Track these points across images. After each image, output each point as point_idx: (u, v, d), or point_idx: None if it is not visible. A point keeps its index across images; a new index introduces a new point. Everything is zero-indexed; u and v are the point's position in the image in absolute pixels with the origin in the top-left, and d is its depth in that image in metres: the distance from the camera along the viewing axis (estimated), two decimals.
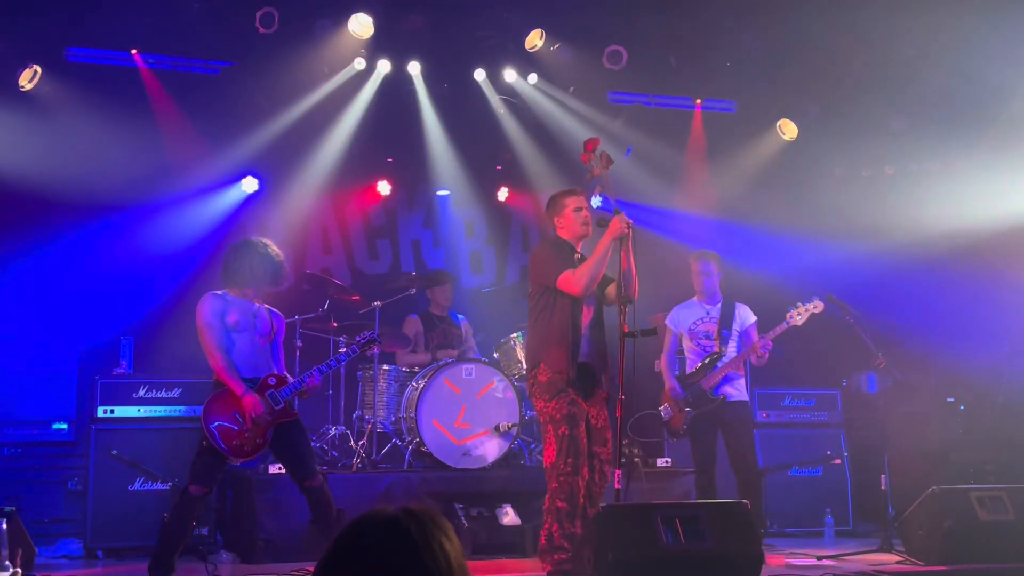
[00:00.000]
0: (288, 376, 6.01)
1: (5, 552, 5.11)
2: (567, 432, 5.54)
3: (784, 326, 6.98)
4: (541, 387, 5.67)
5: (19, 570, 5.10)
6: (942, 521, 6.43)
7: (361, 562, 1.80)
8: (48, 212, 8.15)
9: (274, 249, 6.04)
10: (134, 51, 8.11)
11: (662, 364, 7.39)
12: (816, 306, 6.97)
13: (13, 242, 8.11)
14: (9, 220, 8.10)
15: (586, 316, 5.78)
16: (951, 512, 6.44)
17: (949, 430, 8.91)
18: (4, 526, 5.18)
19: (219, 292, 5.96)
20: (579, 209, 5.83)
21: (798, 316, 6.96)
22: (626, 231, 5.50)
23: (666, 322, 7.42)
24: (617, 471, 5.35)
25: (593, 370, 5.76)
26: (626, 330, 5.37)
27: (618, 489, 5.34)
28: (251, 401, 5.69)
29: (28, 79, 7.79)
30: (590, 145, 5.72)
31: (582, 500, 5.54)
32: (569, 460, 5.50)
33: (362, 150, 9.14)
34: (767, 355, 6.97)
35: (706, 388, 7.03)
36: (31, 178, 8.09)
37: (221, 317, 5.82)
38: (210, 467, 5.73)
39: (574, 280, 5.62)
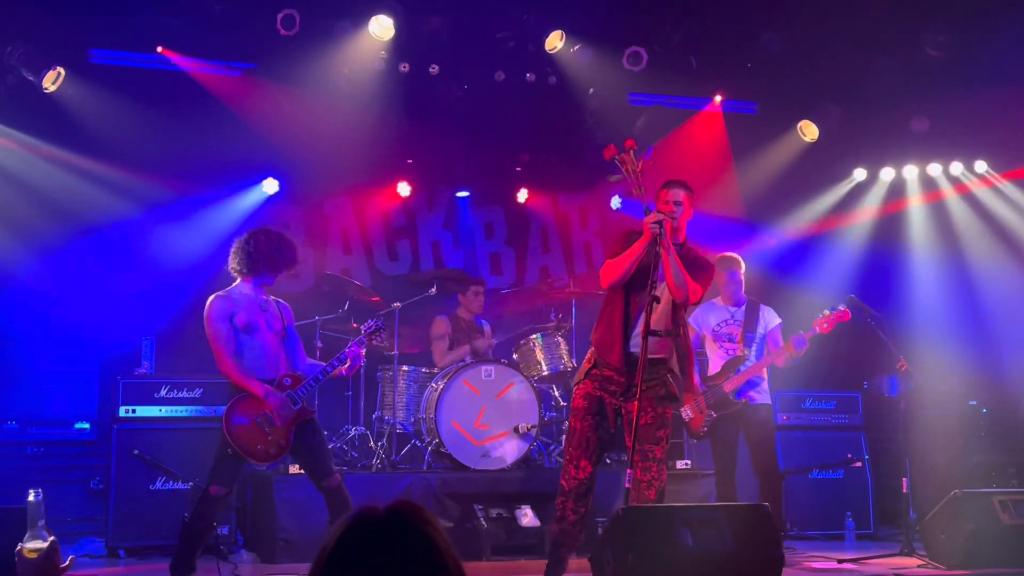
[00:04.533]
0: (303, 374, 5.93)
1: (42, 522, 5.13)
2: (572, 424, 5.64)
3: (811, 332, 6.96)
4: (578, 372, 5.71)
5: (55, 538, 5.12)
6: (964, 525, 6.39)
7: (368, 558, 1.77)
8: (70, 214, 8.21)
9: (283, 235, 5.98)
10: (160, 48, 8.14)
11: None
12: (843, 314, 6.93)
13: (36, 244, 8.16)
14: (32, 222, 8.15)
15: (652, 313, 5.34)
16: (973, 516, 6.40)
17: (971, 433, 8.85)
18: (40, 496, 5.19)
19: (224, 292, 5.84)
20: (667, 203, 5.60)
21: (825, 323, 6.94)
22: (657, 231, 5.35)
23: (688, 321, 7.39)
24: (628, 471, 5.30)
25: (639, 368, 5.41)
26: (650, 329, 5.24)
27: (628, 489, 5.30)
28: (276, 401, 5.65)
29: (52, 80, 7.83)
30: (629, 143, 5.56)
31: (581, 489, 5.53)
32: (570, 449, 5.60)
33: (382, 151, 9.15)
34: (802, 353, 6.95)
35: (728, 391, 7.01)
36: (54, 179, 8.17)
37: (230, 319, 5.73)
38: (232, 469, 5.72)
39: (602, 273, 5.57)
